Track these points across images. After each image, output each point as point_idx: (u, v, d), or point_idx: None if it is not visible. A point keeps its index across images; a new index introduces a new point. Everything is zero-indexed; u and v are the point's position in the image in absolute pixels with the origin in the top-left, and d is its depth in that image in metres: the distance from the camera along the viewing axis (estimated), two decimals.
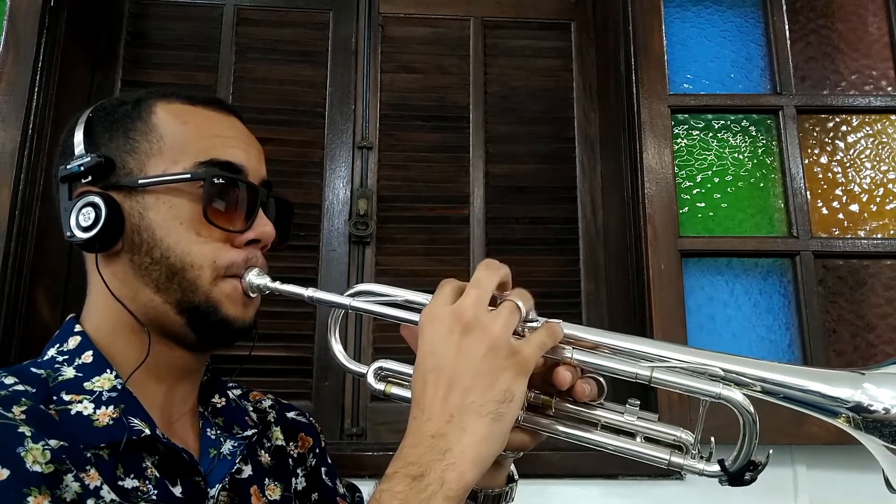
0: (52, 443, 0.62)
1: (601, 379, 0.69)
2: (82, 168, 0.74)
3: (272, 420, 0.92)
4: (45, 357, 0.74)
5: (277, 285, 0.77)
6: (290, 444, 0.92)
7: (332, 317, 0.77)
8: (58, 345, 0.75)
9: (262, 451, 0.87)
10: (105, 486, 0.64)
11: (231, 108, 0.85)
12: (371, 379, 0.73)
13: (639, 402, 0.68)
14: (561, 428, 0.69)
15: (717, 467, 0.63)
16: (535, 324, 0.67)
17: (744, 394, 0.61)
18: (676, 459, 0.65)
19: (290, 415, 0.96)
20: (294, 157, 1.71)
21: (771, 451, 0.62)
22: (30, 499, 0.57)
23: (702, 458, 0.65)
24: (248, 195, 0.78)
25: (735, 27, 1.70)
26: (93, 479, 0.64)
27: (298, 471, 0.91)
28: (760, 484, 0.63)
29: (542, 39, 1.85)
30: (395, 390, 0.72)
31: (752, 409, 0.60)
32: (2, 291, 1.35)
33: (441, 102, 1.78)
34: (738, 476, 0.62)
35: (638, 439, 0.67)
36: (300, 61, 1.77)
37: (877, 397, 0.55)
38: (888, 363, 0.58)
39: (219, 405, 0.86)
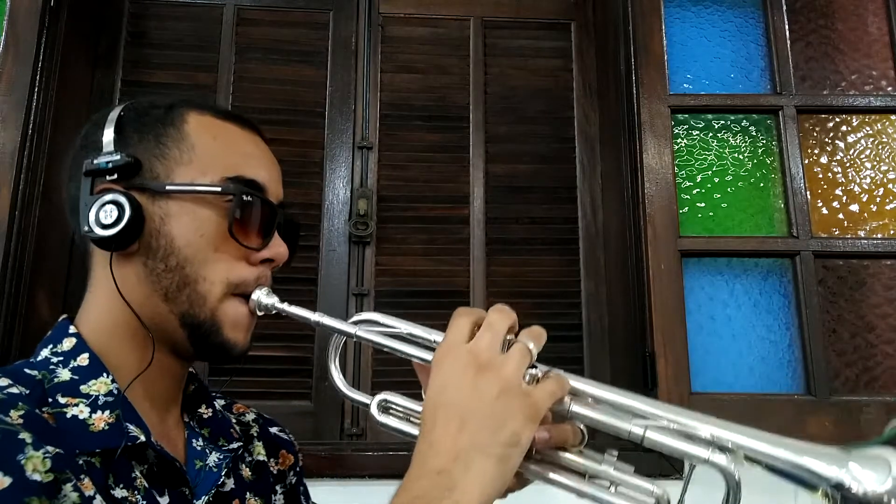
0: (51, 450, 0.60)
1: (583, 427, 0.70)
2: (110, 165, 0.74)
3: (255, 434, 0.91)
4: (39, 357, 0.73)
5: (285, 307, 0.76)
6: (271, 459, 0.91)
7: (332, 344, 0.76)
8: (51, 345, 0.73)
9: (244, 466, 0.85)
10: (98, 496, 0.63)
11: (254, 125, 0.85)
12: (374, 411, 0.72)
13: (616, 453, 0.68)
14: (545, 473, 0.69)
15: None
16: (538, 371, 0.67)
17: (728, 459, 0.61)
18: None
19: (273, 430, 0.95)
20: (294, 157, 1.71)
21: None
22: None
23: None
24: (269, 215, 0.79)
25: (735, 27, 1.70)
26: (87, 487, 0.63)
27: (277, 488, 0.90)
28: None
29: (541, 39, 1.85)
30: (397, 424, 0.71)
31: (737, 476, 0.60)
32: (2, 291, 1.35)
33: (441, 102, 1.78)
34: None
35: (615, 489, 0.67)
36: (300, 61, 1.77)
37: (859, 479, 0.55)
38: (874, 443, 0.57)
39: (205, 416, 0.84)
